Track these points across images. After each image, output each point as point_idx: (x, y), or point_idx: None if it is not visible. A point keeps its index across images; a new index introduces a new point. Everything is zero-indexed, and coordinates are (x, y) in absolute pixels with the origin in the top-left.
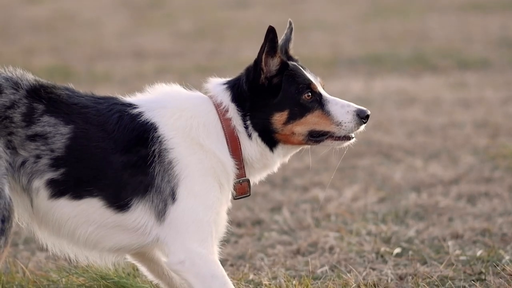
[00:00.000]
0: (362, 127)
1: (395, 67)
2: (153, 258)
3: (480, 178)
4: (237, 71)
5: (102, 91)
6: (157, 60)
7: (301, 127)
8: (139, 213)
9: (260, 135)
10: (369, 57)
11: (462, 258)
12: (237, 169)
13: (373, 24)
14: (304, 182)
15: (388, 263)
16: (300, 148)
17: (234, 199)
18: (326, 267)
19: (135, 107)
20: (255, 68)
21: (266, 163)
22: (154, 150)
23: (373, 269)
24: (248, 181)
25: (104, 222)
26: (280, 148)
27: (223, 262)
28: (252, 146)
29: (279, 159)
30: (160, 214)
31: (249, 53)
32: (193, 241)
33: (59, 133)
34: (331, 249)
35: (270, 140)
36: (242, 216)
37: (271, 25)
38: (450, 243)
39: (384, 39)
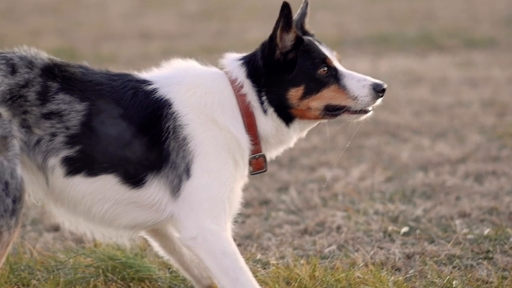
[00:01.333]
0: (379, 100)
1: (402, 46)
2: (166, 234)
3: (487, 157)
4: (243, 52)
5: None
6: (163, 41)
7: (317, 102)
8: (154, 189)
9: (276, 111)
10: (376, 36)
11: (469, 236)
12: (252, 144)
13: (379, 3)
14: (311, 161)
15: (395, 242)
16: (317, 122)
17: (251, 174)
18: (334, 247)
19: (150, 84)
20: (270, 43)
21: (282, 139)
22: (168, 126)
23: (381, 248)
24: (264, 156)
25: (120, 199)
26: (296, 123)
27: None
28: (267, 121)
29: (295, 134)
30: (175, 190)
31: (255, 33)
32: (206, 218)
33: (74, 110)
34: (338, 228)
35: (286, 115)
36: (250, 196)
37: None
38: (457, 222)
39: (390, 18)
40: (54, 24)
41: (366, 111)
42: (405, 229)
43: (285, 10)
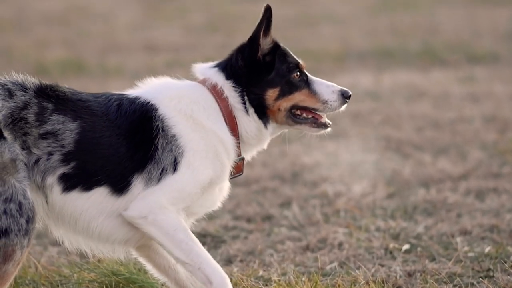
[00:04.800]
0: (344, 106)
1: (404, 60)
2: (158, 251)
3: (488, 173)
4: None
5: (114, 84)
6: (168, 53)
7: (286, 103)
8: (137, 188)
9: (256, 111)
10: (378, 50)
11: (470, 254)
12: (237, 147)
13: (382, 17)
14: (313, 177)
15: (396, 260)
16: (281, 130)
17: (230, 178)
18: (335, 264)
19: (132, 94)
20: (252, 44)
21: (261, 138)
22: (157, 125)
23: (382, 266)
24: (243, 159)
25: (111, 211)
26: (270, 124)
27: (233, 258)
28: (250, 122)
29: (269, 136)
30: (152, 180)
31: None
32: (165, 199)
33: (68, 129)
34: (340, 245)
35: (264, 115)
36: (252, 212)
37: (268, 4)
38: (458, 239)
39: (393, 32)
40: (60, 35)
41: (326, 126)
42: (406, 246)
43: (268, 13)
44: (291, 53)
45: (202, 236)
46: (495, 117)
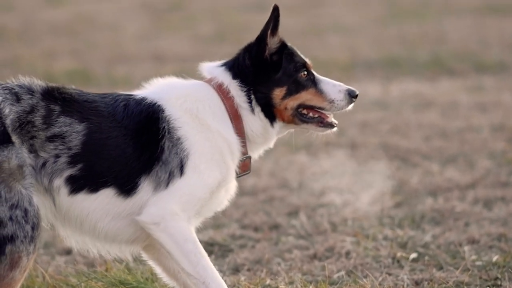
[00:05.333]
0: (351, 106)
1: (412, 70)
2: (168, 255)
3: (496, 182)
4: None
5: None
6: (176, 63)
7: (293, 102)
8: (144, 191)
9: (262, 110)
10: (386, 60)
11: (478, 263)
12: (242, 147)
13: (390, 27)
14: (321, 186)
15: (404, 268)
16: (287, 130)
17: (237, 177)
18: (343, 272)
19: (138, 95)
20: (259, 44)
21: (267, 137)
22: (164, 127)
23: (389, 274)
24: (250, 158)
25: (117, 212)
26: (277, 123)
27: (240, 267)
28: (255, 121)
29: (275, 135)
30: (161, 184)
31: None
32: (177, 207)
33: (75, 131)
34: (347, 254)
35: (270, 114)
36: (259, 221)
37: (276, 4)
38: (466, 248)
39: (401, 42)
40: (68, 46)
41: (332, 125)
42: (414, 255)
43: (275, 12)
44: (298, 53)
45: (210, 245)
46: (503, 126)
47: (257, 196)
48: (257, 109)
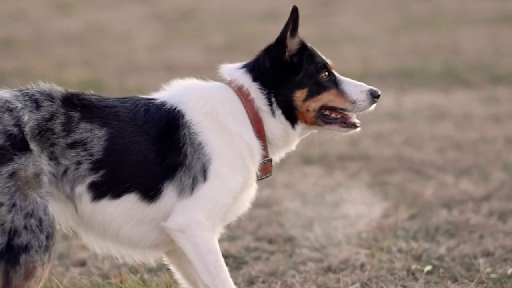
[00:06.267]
0: (373, 106)
1: (426, 81)
2: None
3: (511, 194)
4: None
5: None
6: (188, 73)
7: (315, 104)
8: (168, 196)
9: (283, 112)
10: (400, 70)
11: (493, 276)
12: (263, 149)
13: (403, 37)
14: (335, 198)
15: (419, 281)
16: (310, 131)
17: (258, 179)
18: (357, 285)
19: (158, 99)
20: (279, 46)
21: (288, 140)
22: (184, 133)
23: (404, 287)
24: (271, 160)
25: (141, 217)
26: (299, 126)
27: (254, 279)
28: (276, 123)
29: (297, 137)
30: (185, 190)
31: None
32: (202, 215)
33: (96, 137)
34: (362, 266)
35: (292, 116)
36: (274, 233)
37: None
38: (481, 260)
39: (414, 52)
40: (79, 56)
41: (356, 126)
42: (428, 267)
43: (295, 14)
44: (319, 53)
45: (224, 257)
46: None
47: (271, 208)
48: (278, 112)
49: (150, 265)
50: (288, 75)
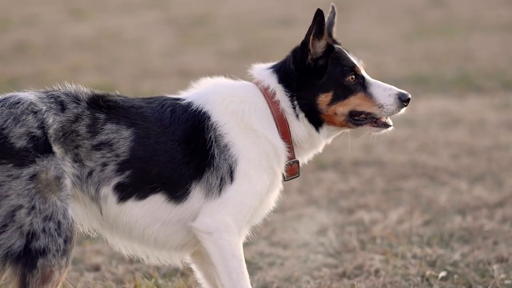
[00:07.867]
0: (403, 110)
1: (440, 87)
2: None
3: None
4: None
5: None
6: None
7: (343, 108)
8: (196, 197)
9: (306, 116)
10: (414, 77)
11: (507, 282)
12: (288, 151)
13: (417, 44)
14: (349, 204)
15: (433, 287)
16: (341, 131)
17: (285, 180)
18: None
19: (185, 99)
20: (302, 49)
21: (313, 143)
22: (210, 136)
23: None
24: (298, 162)
25: (168, 218)
26: (324, 129)
27: (269, 284)
28: (300, 126)
29: (323, 140)
30: (212, 190)
31: None
32: (230, 218)
33: (122, 137)
34: (376, 272)
35: (316, 120)
36: (288, 238)
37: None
38: (495, 266)
39: (428, 59)
40: (93, 61)
41: (387, 125)
42: (443, 273)
43: (318, 17)
44: (348, 55)
45: None
46: None
47: (286, 214)
48: (301, 115)
49: (164, 270)
50: (311, 78)
